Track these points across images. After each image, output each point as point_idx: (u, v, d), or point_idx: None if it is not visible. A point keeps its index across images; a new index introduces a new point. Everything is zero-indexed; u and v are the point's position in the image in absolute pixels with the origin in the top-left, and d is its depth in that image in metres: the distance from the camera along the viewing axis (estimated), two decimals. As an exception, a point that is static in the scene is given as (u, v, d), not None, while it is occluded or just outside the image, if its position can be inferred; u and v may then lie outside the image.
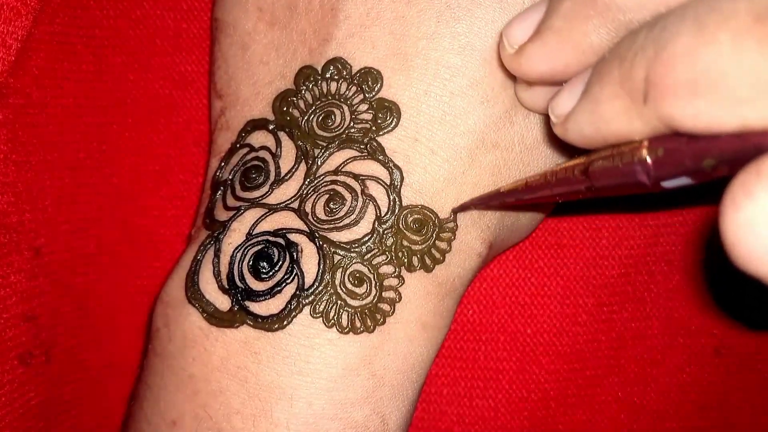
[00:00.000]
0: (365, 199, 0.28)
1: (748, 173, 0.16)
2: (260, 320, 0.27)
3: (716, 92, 0.17)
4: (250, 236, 0.28)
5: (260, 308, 0.28)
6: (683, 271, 0.39)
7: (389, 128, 0.28)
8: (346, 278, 0.28)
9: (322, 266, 0.28)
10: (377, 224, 0.28)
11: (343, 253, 0.28)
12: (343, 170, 0.28)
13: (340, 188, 0.28)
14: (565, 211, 0.38)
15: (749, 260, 0.16)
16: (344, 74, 0.29)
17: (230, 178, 0.30)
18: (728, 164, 0.17)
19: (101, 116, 0.37)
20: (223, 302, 0.28)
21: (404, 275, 0.28)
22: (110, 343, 0.39)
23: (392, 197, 0.28)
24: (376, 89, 0.29)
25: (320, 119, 0.29)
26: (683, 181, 0.19)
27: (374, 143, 0.28)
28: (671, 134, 0.19)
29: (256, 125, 0.30)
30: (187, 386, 0.28)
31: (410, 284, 0.28)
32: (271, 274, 0.28)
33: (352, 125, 0.29)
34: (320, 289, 0.27)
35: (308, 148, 0.29)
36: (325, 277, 0.28)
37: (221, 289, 0.28)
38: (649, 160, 0.19)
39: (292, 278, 0.28)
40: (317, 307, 0.27)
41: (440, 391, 0.39)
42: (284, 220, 0.28)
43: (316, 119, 0.29)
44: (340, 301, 0.27)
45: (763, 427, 0.40)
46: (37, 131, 0.34)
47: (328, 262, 0.28)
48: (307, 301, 0.27)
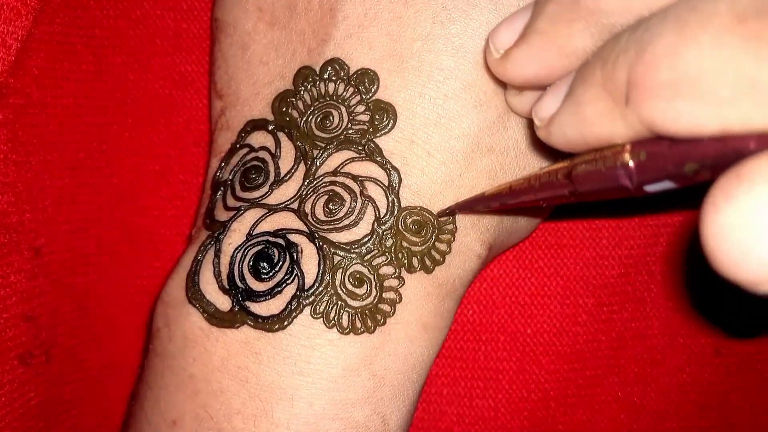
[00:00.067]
0: (364, 200, 0.28)
1: (728, 177, 0.16)
2: (261, 320, 0.27)
3: (697, 93, 0.16)
4: (250, 236, 0.28)
5: (261, 308, 0.28)
6: (683, 271, 0.39)
7: (386, 130, 0.28)
8: (346, 279, 0.28)
9: (322, 267, 0.28)
10: (376, 225, 0.28)
11: (343, 253, 0.28)
12: (341, 171, 0.28)
13: (339, 189, 0.28)
14: (561, 216, 0.38)
15: (729, 265, 0.16)
16: (342, 75, 0.29)
17: (230, 178, 0.30)
18: (710, 169, 0.17)
19: (101, 116, 0.37)
20: (223, 302, 0.28)
21: (404, 276, 0.28)
22: (110, 343, 0.39)
23: (391, 198, 0.28)
24: (372, 90, 0.29)
25: (319, 120, 0.29)
26: (666, 185, 0.19)
27: (372, 144, 0.28)
28: (654, 138, 0.19)
29: (255, 125, 0.30)
30: (187, 386, 0.28)
31: (410, 285, 0.28)
32: (271, 274, 0.28)
33: (349, 126, 0.29)
34: (320, 289, 0.27)
35: (307, 148, 0.29)
36: (325, 277, 0.28)
37: (222, 289, 0.28)
38: (631, 164, 0.19)
39: (292, 279, 0.28)
40: (318, 307, 0.27)
41: (440, 391, 0.39)
42: (284, 220, 0.28)
43: (314, 120, 0.29)
44: (340, 301, 0.27)
45: (763, 427, 0.40)
46: (37, 131, 0.34)
47: (328, 262, 0.28)
48: (307, 301, 0.27)
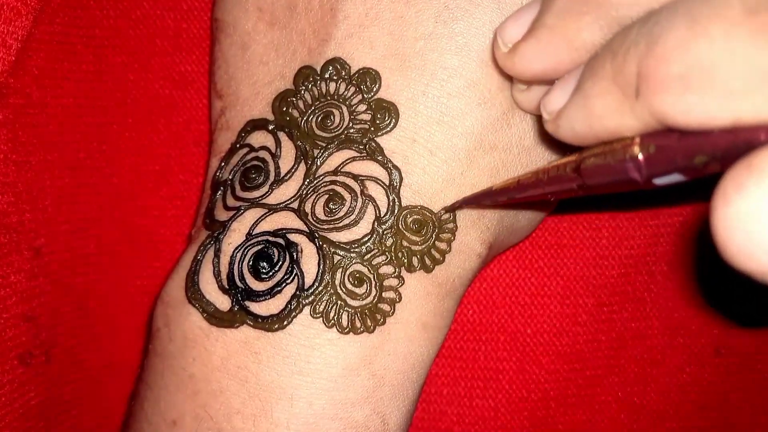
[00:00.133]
0: (365, 199, 0.28)
1: (738, 168, 0.16)
2: (260, 320, 0.27)
3: (708, 86, 0.16)
4: (250, 236, 0.28)
5: (260, 308, 0.28)
6: (683, 271, 0.39)
7: (388, 129, 0.28)
8: (346, 278, 0.28)
9: (322, 266, 0.28)
10: (377, 224, 0.28)
11: (342, 253, 0.28)
12: (342, 170, 0.28)
13: (339, 188, 0.28)
14: (565, 209, 0.38)
15: (739, 256, 0.16)
16: (343, 74, 0.29)
17: (230, 178, 0.30)
18: (720, 161, 0.17)
19: (101, 116, 0.37)
20: (223, 302, 0.28)
21: (404, 275, 0.28)
22: (110, 343, 0.39)
23: (391, 198, 0.28)
24: (374, 89, 0.29)
25: (319, 119, 0.29)
26: (675, 178, 0.19)
27: (373, 144, 0.28)
28: (663, 130, 0.19)
29: (255, 125, 0.30)
30: (187, 386, 0.28)
31: (410, 284, 0.28)
32: (271, 274, 0.28)
33: (351, 125, 0.29)
34: (320, 289, 0.27)
35: (308, 148, 0.29)
36: (325, 277, 0.28)
37: (221, 289, 0.28)
38: (640, 157, 0.19)
39: (292, 278, 0.28)
40: (317, 307, 0.27)
41: (440, 391, 0.39)
42: (284, 220, 0.28)
43: (315, 119, 0.29)
44: (340, 301, 0.27)
45: (763, 427, 0.40)
46: (37, 131, 0.34)
47: (328, 262, 0.28)
48: (307, 301, 0.27)
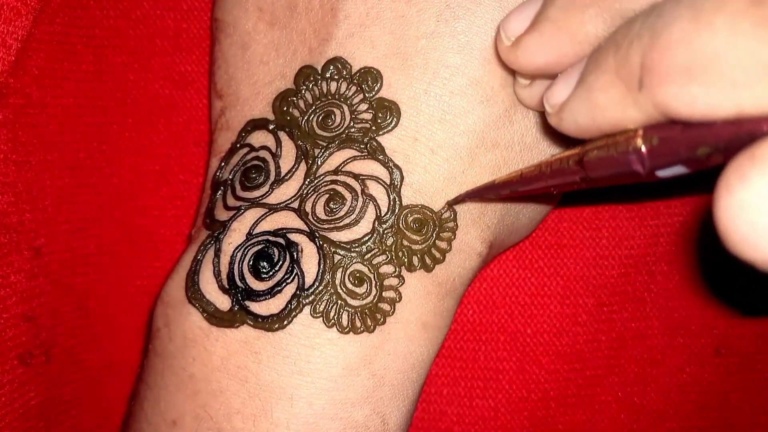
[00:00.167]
0: (365, 198, 0.28)
1: (742, 158, 0.16)
2: (260, 320, 0.27)
3: (712, 77, 0.16)
4: (250, 236, 0.28)
5: (260, 308, 0.28)
6: (683, 271, 0.39)
7: (389, 128, 0.28)
8: (346, 278, 0.28)
9: (322, 266, 0.28)
10: (377, 224, 0.28)
11: (343, 252, 0.28)
12: (343, 170, 0.28)
13: (340, 188, 0.28)
14: (568, 203, 0.38)
15: (742, 246, 0.16)
16: (344, 74, 0.29)
17: (230, 178, 0.30)
18: (723, 152, 0.17)
19: (101, 116, 0.37)
20: (223, 302, 0.28)
21: (404, 275, 0.28)
22: (110, 343, 0.39)
23: (392, 197, 0.28)
24: (375, 89, 0.29)
25: (320, 119, 0.29)
26: (678, 170, 0.19)
27: (374, 143, 0.28)
28: (666, 123, 0.19)
29: (256, 125, 0.30)
30: (187, 386, 0.28)
31: (410, 284, 0.28)
32: (271, 273, 0.28)
33: (352, 125, 0.29)
34: (320, 288, 0.27)
35: (308, 147, 0.29)
36: (325, 276, 0.28)
37: (221, 288, 0.28)
38: (643, 149, 0.19)
39: (292, 278, 0.28)
40: (317, 306, 0.27)
41: (440, 391, 0.39)
42: (284, 219, 0.28)
43: (316, 119, 0.29)
44: (340, 300, 0.27)
45: (763, 427, 0.40)
46: (37, 131, 0.34)
47: (328, 261, 0.28)
48: (307, 300, 0.27)
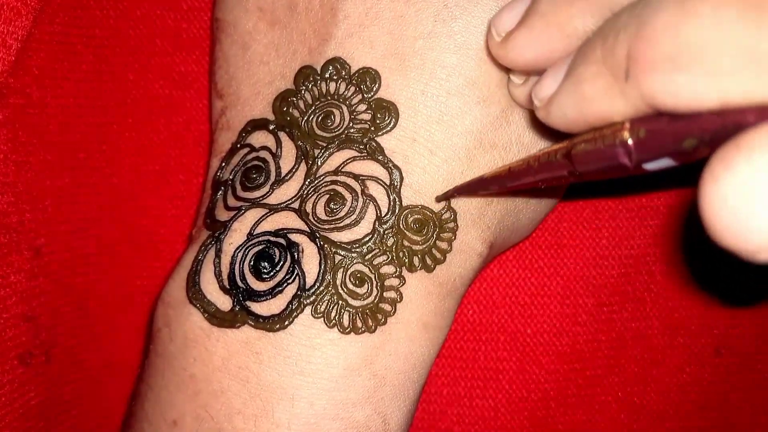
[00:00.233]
0: (365, 199, 0.28)
1: (727, 148, 0.16)
2: (261, 320, 0.27)
3: (697, 66, 0.16)
4: (251, 236, 0.28)
5: (261, 308, 0.28)
6: (683, 271, 0.39)
7: (388, 128, 0.28)
8: (347, 278, 0.28)
9: (323, 266, 0.28)
10: (378, 224, 0.28)
11: (344, 253, 0.28)
12: (343, 170, 0.28)
13: (340, 188, 0.28)
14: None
15: (727, 234, 0.16)
16: (343, 74, 0.29)
17: (231, 178, 0.30)
18: (709, 144, 0.17)
19: (101, 116, 0.37)
20: (224, 302, 0.28)
21: (405, 275, 0.28)
22: (110, 343, 0.39)
23: (392, 197, 0.28)
24: (374, 89, 0.29)
25: (320, 119, 0.29)
26: (665, 162, 0.19)
27: (373, 143, 0.28)
28: (653, 115, 0.18)
29: (256, 125, 0.30)
30: (188, 386, 0.28)
31: (411, 284, 0.28)
32: (272, 274, 0.28)
33: (351, 125, 0.29)
34: (321, 289, 0.27)
35: (308, 148, 0.29)
36: (326, 277, 0.28)
37: (222, 289, 0.28)
38: (630, 141, 0.19)
39: (293, 278, 0.28)
40: (318, 307, 0.27)
41: (440, 391, 0.39)
42: (285, 220, 0.28)
43: (315, 119, 0.29)
44: (341, 301, 0.27)
45: (763, 427, 0.40)
46: (37, 131, 0.34)
47: (329, 262, 0.28)
48: (308, 301, 0.27)
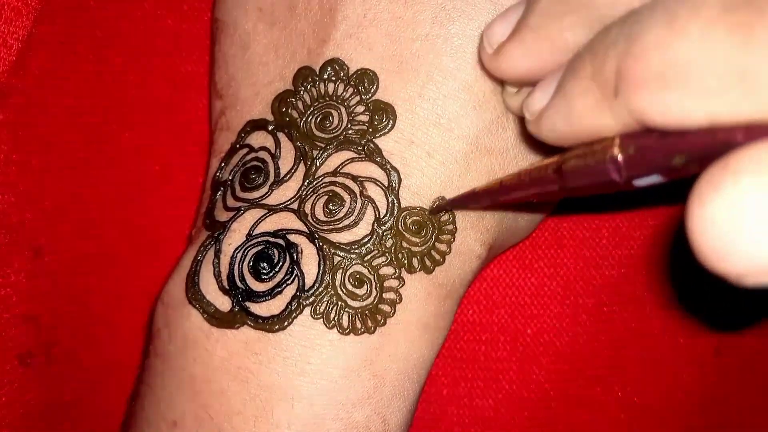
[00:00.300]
0: (364, 200, 0.28)
1: (714, 169, 0.15)
2: (261, 321, 0.27)
3: (685, 84, 0.16)
4: (250, 237, 0.28)
5: (261, 309, 0.28)
6: (682, 270, 0.39)
7: (385, 130, 0.28)
8: (346, 279, 0.28)
9: (322, 267, 0.28)
10: (376, 225, 0.28)
11: (343, 254, 0.28)
12: (341, 171, 0.28)
13: (339, 189, 0.28)
14: (565, 210, 0.38)
15: (714, 257, 0.15)
16: (341, 75, 0.29)
17: (230, 178, 0.30)
18: (698, 162, 0.17)
19: (101, 116, 0.37)
20: (223, 303, 0.28)
21: (404, 277, 0.28)
22: (110, 343, 0.39)
23: (391, 199, 0.28)
24: (372, 91, 0.28)
25: (318, 120, 0.29)
26: (655, 179, 0.18)
27: (371, 145, 0.28)
28: (643, 131, 0.18)
29: (255, 126, 0.30)
30: (187, 387, 0.28)
31: (410, 285, 0.28)
32: (271, 274, 0.28)
33: (349, 126, 0.29)
34: (321, 290, 0.27)
35: (307, 149, 0.29)
36: (325, 278, 0.28)
37: (222, 289, 0.28)
38: (620, 157, 0.19)
39: (292, 279, 0.28)
40: (318, 308, 0.27)
41: (440, 391, 0.39)
42: (284, 221, 0.28)
43: (314, 120, 0.29)
44: (340, 302, 0.27)
45: (763, 427, 0.40)
46: (37, 131, 0.34)
47: (328, 263, 0.28)
48: (307, 302, 0.27)
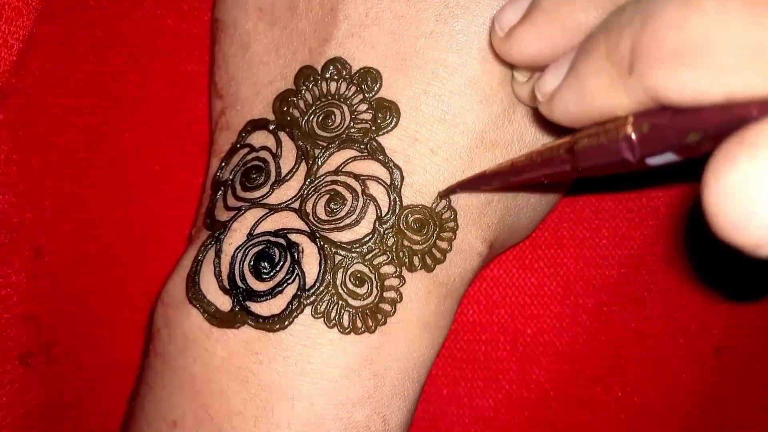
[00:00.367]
0: (366, 199, 0.28)
1: (731, 142, 0.15)
2: (261, 320, 0.27)
3: (701, 60, 0.16)
4: (251, 236, 0.28)
5: (261, 308, 0.28)
6: (683, 271, 0.39)
7: (389, 128, 0.28)
8: (347, 278, 0.28)
9: (323, 266, 0.28)
10: (378, 224, 0.28)
11: (344, 253, 0.28)
12: (343, 170, 0.28)
13: (340, 188, 0.28)
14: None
15: (730, 229, 0.15)
16: (344, 74, 0.29)
17: (231, 178, 0.30)
18: (713, 139, 0.17)
19: (101, 116, 0.37)
20: (224, 302, 0.28)
21: (405, 275, 0.28)
22: (110, 343, 0.39)
23: (393, 197, 0.28)
24: (375, 89, 0.29)
25: (320, 119, 0.29)
26: (668, 157, 0.18)
27: (374, 143, 0.28)
28: (656, 109, 0.18)
29: (256, 125, 0.30)
30: (188, 387, 0.28)
31: (411, 284, 0.28)
32: (272, 274, 0.28)
33: (352, 125, 0.29)
34: (321, 289, 0.27)
35: (308, 148, 0.29)
36: (326, 277, 0.28)
37: (222, 289, 0.28)
38: (633, 136, 0.19)
39: (293, 278, 0.28)
40: (318, 307, 0.27)
41: (440, 391, 0.39)
42: (285, 220, 0.28)
43: (316, 119, 0.29)
44: (341, 301, 0.27)
45: (763, 427, 0.40)
46: (38, 131, 0.34)
47: (329, 262, 0.28)
48: (308, 301, 0.27)
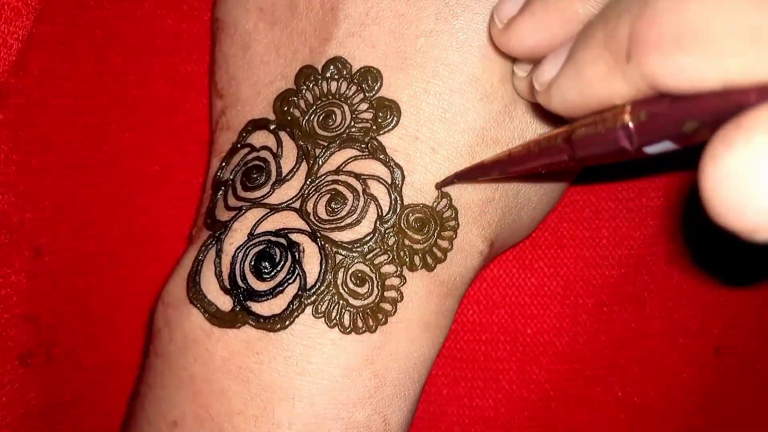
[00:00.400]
0: (366, 198, 0.28)
1: (728, 127, 0.15)
2: (262, 320, 0.27)
3: (699, 45, 0.16)
4: (251, 236, 0.28)
5: (262, 308, 0.28)
6: (683, 271, 0.39)
7: (389, 127, 0.28)
8: (348, 278, 0.28)
9: (324, 266, 0.28)
10: (379, 223, 0.28)
11: (344, 252, 0.28)
12: (344, 170, 0.28)
13: (341, 188, 0.28)
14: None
15: (726, 213, 0.15)
16: (344, 73, 0.29)
17: (231, 178, 0.30)
18: (711, 126, 0.17)
19: (101, 116, 0.37)
20: (224, 302, 0.28)
21: (406, 275, 0.28)
22: (110, 343, 0.39)
23: (393, 196, 0.28)
24: (376, 88, 0.29)
25: (321, 119, 0.29)
26: (666, 146, 0.18)
27: (375, 142, 0.28)
28: (654, 97, 0.18)
29: (257, 125, 0.30)
30: (188, 387, 0.28)
31: (412, 283, 0.28)
32: (273, 274, 0.28)
33: (352, 124, 0.29)
34: (322, 289, 0.27)
35: (309, 147, 0.29)
36: (327, 277, 0.28)
37: (223, 289, 0.28)
38: (631, 124, 0.19)
39: (294, 278, 0.28)
40: (319, 307, 0.27)
41: (440, 391, 0.39)
42: (286, 220, 0.28)
43: (316, 119, 0.29)
44: (342, 301, 0.27)
45: (763, 427, 0.40)
46: (37, 131, 0.34)
47: (330, 261, 0.28)
48: (309, 301, 0.27)
